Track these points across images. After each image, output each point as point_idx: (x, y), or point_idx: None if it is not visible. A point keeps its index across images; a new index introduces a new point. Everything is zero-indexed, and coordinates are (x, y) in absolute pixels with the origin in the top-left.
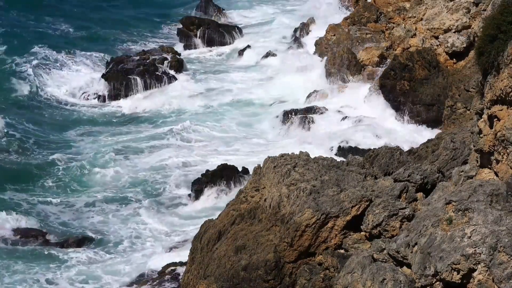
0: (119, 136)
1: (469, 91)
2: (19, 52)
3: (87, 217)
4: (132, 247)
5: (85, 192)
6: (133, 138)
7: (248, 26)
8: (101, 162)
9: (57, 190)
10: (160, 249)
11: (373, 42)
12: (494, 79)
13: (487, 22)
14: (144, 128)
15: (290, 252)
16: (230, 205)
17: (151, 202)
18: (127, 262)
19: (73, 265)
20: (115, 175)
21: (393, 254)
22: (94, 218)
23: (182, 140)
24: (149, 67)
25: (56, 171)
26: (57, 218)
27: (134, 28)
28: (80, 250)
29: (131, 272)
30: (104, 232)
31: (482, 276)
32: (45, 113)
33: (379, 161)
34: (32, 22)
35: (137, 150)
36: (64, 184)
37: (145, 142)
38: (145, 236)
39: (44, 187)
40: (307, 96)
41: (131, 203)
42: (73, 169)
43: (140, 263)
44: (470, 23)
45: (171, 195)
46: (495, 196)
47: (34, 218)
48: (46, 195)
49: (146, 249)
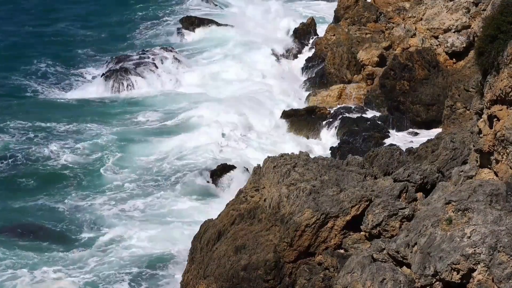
0: (120, 133)
1: (469, 91)
2: (19, 51)
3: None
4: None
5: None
6: (132, 137)
7: (249, 24)
8: (104, 158)
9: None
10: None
11: (372, 42)
12: (493, 79)
13: (487, 22)
14: (144, 128)
15: (290, 252)
16: (230, 205)
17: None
18: (126, 259)
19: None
20: (118, 171)
21: (392, 254)
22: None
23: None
24: (149, 67)
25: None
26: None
27: (134, 28)
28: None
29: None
30: (103, 231)
31: (481, 276)
32: (45, 113)
33: (379, 161)
34: (32, 22)
35: (138, 149)
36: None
37: (144, 143)
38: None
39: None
40: (307, 97)
41: (133, 197)
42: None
43: (141, 264)
44: (470, 23)
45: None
46: (494, 196)
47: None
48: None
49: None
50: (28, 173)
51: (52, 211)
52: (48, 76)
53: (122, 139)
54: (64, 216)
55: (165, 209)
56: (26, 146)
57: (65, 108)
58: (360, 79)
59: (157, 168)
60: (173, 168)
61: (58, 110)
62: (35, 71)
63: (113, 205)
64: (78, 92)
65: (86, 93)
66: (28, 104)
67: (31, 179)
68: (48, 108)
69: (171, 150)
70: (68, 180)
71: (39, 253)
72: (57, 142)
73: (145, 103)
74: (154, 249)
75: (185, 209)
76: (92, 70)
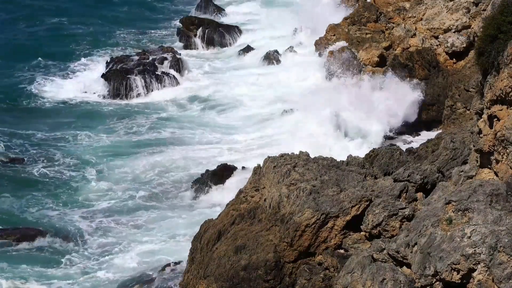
0: (118, 134)
1: (469, 91)
2: (18, 51)
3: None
4: (131, 246)
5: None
6: (133, 137)
7: (248, 26)
8: (101, 162)
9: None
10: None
11: (373, 42)
12: (494, 79)
13: (487, 22)
14: (144, 128)
15: (290, 252)
16: (230, 205)
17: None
18: (128, 261)
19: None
20: (116, 174)
21: (393, 254)
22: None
23: (182, 140)
24: (149, 67)
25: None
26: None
27: (134, 28)
28: (78, 248)
29: (131, 271)
30: (102, 230)
31: (482, 276)
32: (45, 114)
33: (379, 161)
34: (32, 22)
35: (136, 150)
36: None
37: (144, 143)
38: (144, 236)
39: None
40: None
41: (133, 199)
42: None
43: (140, 262)
44: (470, 23)
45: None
46: (495, 196)
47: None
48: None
49: (146, 249)
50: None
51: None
52: (45, 76)
53: (122, 138)
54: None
55: (154, 223)
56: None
57: (63, 109)
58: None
59: (149, 179)
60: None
61: (56, 111)
62: (31, 71)
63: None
64: (77, 93)
65: (86, 93)
66: (23, 106)
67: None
68: (45, 110)
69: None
70: (44, 189)
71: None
72: (52, 142)
73: (147, 107)
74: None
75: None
76: (92, 70)
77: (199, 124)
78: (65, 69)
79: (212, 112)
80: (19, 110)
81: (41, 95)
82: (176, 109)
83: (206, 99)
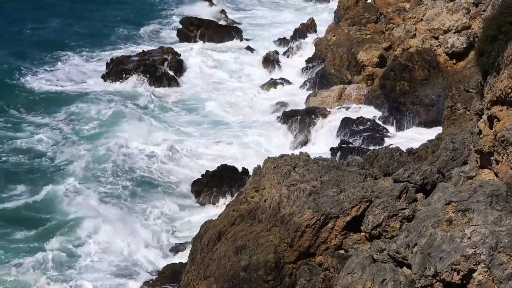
0: (117, 133)
1: (469, 92)
2: (18, 51)
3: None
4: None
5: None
6: (132, 138)
7: (248, 26)
8: (101, 159)
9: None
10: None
11: (373, 43)
12: (494, 79)
13: (487, 22)
14: (143, 129)
15: (290, 253)
16: (230, 205)
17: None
18: (127, 261)
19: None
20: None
21: (393, 254)
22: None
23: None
24: (149, 68)
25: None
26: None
27: (134, 28)
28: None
29: (131, 272)
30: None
31: (482, 277)
32: (45, 113)
33: (379, 162)
34: (32, 22)
35: (134, 151)
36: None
37: (142, 144)
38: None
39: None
40: (307, 98)
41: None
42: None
43: (141, 263)
44: (470, 23)
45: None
46: (495, 197)
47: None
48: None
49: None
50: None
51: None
52: (45, 77)
53: (121, 137)
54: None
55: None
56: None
57: (63, 109)
58: (360, 80)
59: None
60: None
61: (55, 111)
62: (30, 71)
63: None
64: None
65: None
66: (23, 106)
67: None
68: (45, 110)
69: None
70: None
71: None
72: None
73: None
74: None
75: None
76: (92, 70)
77: (199, 124)
78: (65, 70)
79: (211, 112)
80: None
81: (40, 95)
82: (176, 109)
83: (206, 99)
